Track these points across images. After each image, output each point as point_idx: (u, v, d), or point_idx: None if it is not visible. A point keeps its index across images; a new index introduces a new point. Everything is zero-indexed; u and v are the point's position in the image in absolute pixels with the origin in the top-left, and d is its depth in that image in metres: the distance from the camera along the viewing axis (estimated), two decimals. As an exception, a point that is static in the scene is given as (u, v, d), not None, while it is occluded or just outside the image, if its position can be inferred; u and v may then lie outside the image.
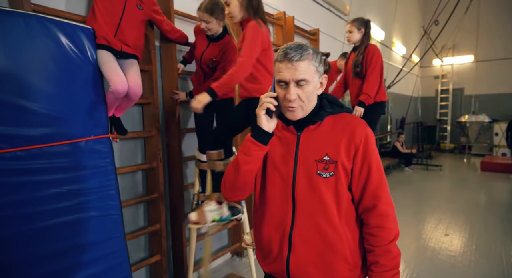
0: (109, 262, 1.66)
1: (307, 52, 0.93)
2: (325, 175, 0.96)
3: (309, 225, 0.97)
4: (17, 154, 1.35)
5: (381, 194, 0.98)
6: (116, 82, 1.60)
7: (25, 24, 1.39)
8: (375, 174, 0.98)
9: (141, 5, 1.77)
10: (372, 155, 0.98)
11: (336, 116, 1.03)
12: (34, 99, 1.41)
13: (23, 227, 1.36)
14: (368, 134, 0.98)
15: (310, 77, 0.94)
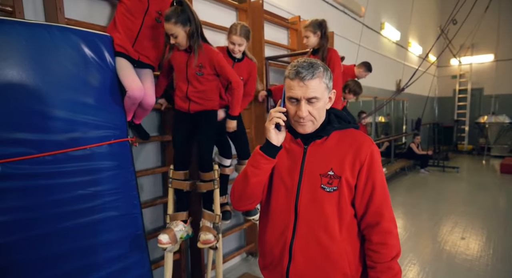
0: (130, 259, 1.76)
1: (318, 70, 0.95)
2: (328, 189, 0.98)
3: (309, 237, 1.00)
4: (45, 158, 1.46)
5: (385, 210, 1.00)
6: (132, 88, 1.68)
7: (49, 35, 1.49)
8: (379, 191, 1.00)
9: (159, 18, 1.83)
10: (376, 172, 1.00)
11: (343, 131, 1.05)
12: (59, 106, 1.51)
13: (51, 227, 1.47)
14: (374, 151, 1.01)
15: (321, 95, 0.97)
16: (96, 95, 1.66)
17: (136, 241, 1.80)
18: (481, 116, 9.03)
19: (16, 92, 1.40)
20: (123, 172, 1.75)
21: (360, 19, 5.19)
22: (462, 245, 3.18)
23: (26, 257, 1.38)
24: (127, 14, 1.73)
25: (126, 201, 1.75)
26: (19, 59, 1.41)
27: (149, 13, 1.78)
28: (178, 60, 1.91)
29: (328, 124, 1.05)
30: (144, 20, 1.77)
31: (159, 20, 1.84)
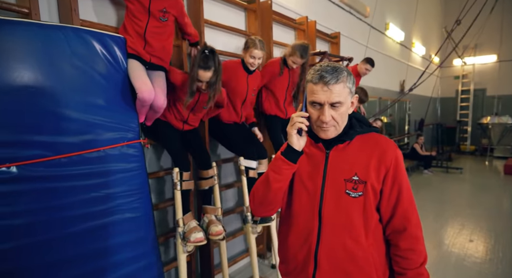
0: (142, 261, 1.75)
1: (342, 74, 0.94)
2: (354, 194, 0.97)
3: (335, 243, 0.98)
4: (61, 160, 1.45)
5: (411, 215, 0.99)
6: (143, 91, 1.67)
7: (64, 36, 1.48)
8: (405, 196, 0.99)
9: (164, 16, 1.79)
10: (402, 177, 1.00)
11: (365, 136, 1.04)
12: (74, 108, 1.50)
13: (66, 230, 1.46)
14: (398, 155, 1.00)
15: (344, 99, 0.95)
16: (110, 96, 1.64)
17: (149, 243, 1.78)
18: (484, 117, 9.02)
19: (31, 94, 1.38)
20: (136, 173, 1.73)
21: (365, 20, 5.18)
22: (471, 248, 3.17)
23: (42, 260, 1.37)
24: (133, 17, 1.72)
25: (139, 203, 1.73)
26: (35, 61, 1.39)
27: (152, 14, 1.75)
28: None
29: (350, 128, 1.04)
30: (149, 22, 1.75)
31: (164, 19, 1.81)
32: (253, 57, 2.20)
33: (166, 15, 1.80)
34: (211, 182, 2.14)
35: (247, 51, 2.22)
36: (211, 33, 2.50)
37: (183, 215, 1.95)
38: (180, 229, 1.93)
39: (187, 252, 1.93)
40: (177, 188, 1.95)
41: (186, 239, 1.89)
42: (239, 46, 2.79)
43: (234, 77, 2.25)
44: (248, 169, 2.30)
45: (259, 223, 2.21)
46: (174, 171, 1.95)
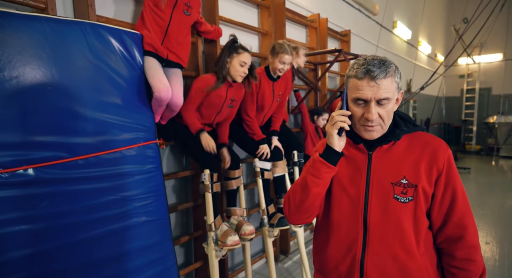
0: (159, 265, 1.68)
1: (391, 68, 0.87)
2: (403, 199, 0.90)
3: (384, 252, 0.91)
4: (78, 162, 1.38)
5: (468, 222, 0.91)
6: (160, 89, 1.60)
7: (81, 32, 1.41)
8: (461, 200, 0.90)
9: (188, 10, 1.74)
10: (456, 179, 0.91)
11: (412, 135, 0.96)
12: (90, 107, 1.43)
13: (84, 235, 1.39)
14: (450, 156, 0.92)
15: (392, 95, 0.88)
16: (126, 95, 1.57)
17: (165, 247, 1.72)
18: (490, 116, 8.95)
19: (47, 92, 1.31)
20: (152, 175, 1.66)
21: (374, 18, 5.11)
22: (488, 251, 3.10)
23: (61, 266, 1.31)
24: (155, 9, 1.64)
25: (156, 205, 1.67)
26: (51, 58, 1.32)
27: (178, 5, 1.69)
28: (218, 94, 1.92)
29: (395, 127, 0.96)
30: (173, 13, 1.68)
31: (187, 13, 1.74)
32: (283, 63, 2.13)
33: (189, 9, 1.74)
34: (239, 182, 2.12)
35: (276, 56, 2.13)
36: (224, 30, 2.42)
37: (214, 218, 1.89)
38: (213, 233, 1.86)
39: (222, 256, 1.88)
40: (209, 190, 1.87)
41: (221, 242, 1.83)
42: (252, 44, 2.73)
43: (260, 87, 2.18)
44: (263, 171, 2.24)
45: (276, 227, 2.14)
46: (205, 172, 1.88)
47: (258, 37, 2.82)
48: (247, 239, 1.96)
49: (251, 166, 2.73)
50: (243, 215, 2.10)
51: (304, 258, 2.34)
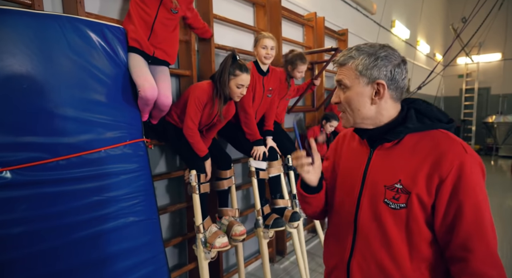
0: (149, 266, 1.65)
1: (354, 59, 0.84)
2: (393, 205, 0.81)
3: (369, 258, 0.85)
4: (59, 163, 1.34)
5: (476, 246, 0.74)
6: (145, 88, 1.55)
7: (59, 26, 1.36)
8: (470, 219, 0.75)
9: (175, 8, 1.70)
10: (467, 191, 0.75)
11: (425, 134, 0.83)
12: (71, 106, 1.39)
13: (67, 238, 1.35)
14: (464, 164, 0.75)
15: (350, 83, 0.84)
16: (110, 92, 1.53)
17: (155, 247, 1.68)
18: (489, 116, 8.93)
19: (24, 91, 1.26)
20: (139, 174, 1.62)
21: (372, 17, 5.08)
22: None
23: (43, 271, 1.26)
24: (141, 4, 1.61)
25: (144, 205, 1.63)
26: (27, 55, 1.27)
27: (164, 2, 1.65)
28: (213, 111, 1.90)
29: (401, 124, 0.85)
30: (159, 10, 1.64)
31: (175, 11, 1.70)
32: (265, 47, 2.10)
33: (177, 7, 1.70)
34: (230, 182, 2.09)
35: (257, 44, 2.13)
36: (219, 29, 2.40)
37: (202, 219, 1.85)
38: (201, 235, 1.83)
39: (211, 258, 1.84)
40: (196, 192, 1.84)
41: (210, 244, 1.79)
42: (247, 43, 2.71)
43: (251, 82, 2.14)
44: (259, 170, 2.21)
45: (271, 228, 2.11)
46: (192, 173, 1.84)
47: (254, 35, 2.79)
48: (239, 240, 1.93)
49: (246, 166, 2.70)
50: (235, 215, 2.06)
51: (299, 259, 2.31)
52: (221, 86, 1.81)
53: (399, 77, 0.84)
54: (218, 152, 2.07)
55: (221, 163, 2.06)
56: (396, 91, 0.85)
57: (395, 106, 0.87)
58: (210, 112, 1.89)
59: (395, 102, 0.87)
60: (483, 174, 0.79)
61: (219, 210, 2.09)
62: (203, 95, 1.81)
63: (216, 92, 1.83)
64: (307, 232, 3.51)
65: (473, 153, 0.78)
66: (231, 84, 1.82)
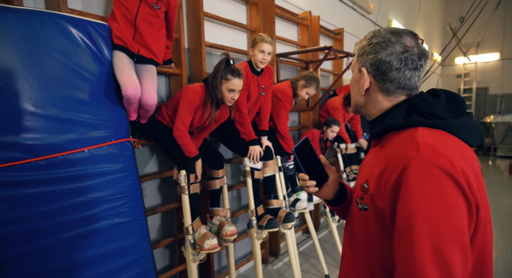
0: (136, 268, 1.61)
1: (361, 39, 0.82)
2: (360, 205, 0.75)
3: (346, 250, 0.86)
4: (38, 163, 1.29)
5: (398, 259, 0.62)
6: (127, 87, 1.51)
7: (38, 22, 1.32)
8: (399, 227, 0.63)
9: (157, 4, 1.63)
10: (404, 198, 0.62)
11: (408, 131, 0.71)
12: (53, 104, 1.35)
13: (50, 239, 1.32)
14: (409, 166, 0.63)
15: (352, 67, 0.85)
16: (93, 91, 1.49)
17: (143, 249, 1.65)
18: (487, 116, 8.92)
19: (1, 89, 1.23)
20: (125, 175, 1.59)
21: (369, 16, 5.05)
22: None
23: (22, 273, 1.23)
24: (122, 1, 1.56)
25: (131, 206, 1.59)
26: (4, 51, 1.23)
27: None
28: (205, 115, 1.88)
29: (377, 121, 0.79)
30: (140, 6, 1.58)
31: (157, 6, 1.63)
32: (262, 52, 2.08)
33: (159, 3, 1.64)
34: (222, 181, 2.06)
35: (255, 46, 2.09)
36: (210, 27, 2.37)
37: (191, 221, 1.82)
38: (190, 237, 1.79)
39: (200, 260, 1.80)
40: (185, 192, 1.80)
41: (199, 246, 1.76)
42: (240, 41, 2.68)
43: (245, 82, 2.11)
44: (254, 170, 2.17)
45: (265, 229, 2.08)
46: (181, 173, 1.80)
47: (246, 34, 2.76)
48: (229, 240, 1.90)
49: (238, 166, 2.67)
50: (226, 215, 2.03)
51: (293, 260, 2.28)
52: (214, 90, 1.79)
53: (387, 69, 0.74)
54: (211, 151, 2.05)
55: (213, 162, 2.03)
56: (386, 84, 0.76)
57: (389, 99, 0.77)
58: (202, 116, 1.87)
59: (388, 95, 0.77)
60: (435, 179, 0.62)
61: (210, 210, 2.06)
62: (195, 98, 1.78)
63: (209, 96, 1.81)
64: (302, 232, 3.48)
65: (427, 156, 0.63)
66: (222, 88, 1.80)
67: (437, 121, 0.70)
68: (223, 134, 2.24)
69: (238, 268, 2.62)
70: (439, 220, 0.60)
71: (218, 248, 1.77)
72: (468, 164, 0.66)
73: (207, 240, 1.72)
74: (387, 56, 0.74)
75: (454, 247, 0.59)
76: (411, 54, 0.73)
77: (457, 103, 0.73)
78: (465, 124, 0.71)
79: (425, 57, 0.75)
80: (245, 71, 2.08)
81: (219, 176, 2.03)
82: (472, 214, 0.63)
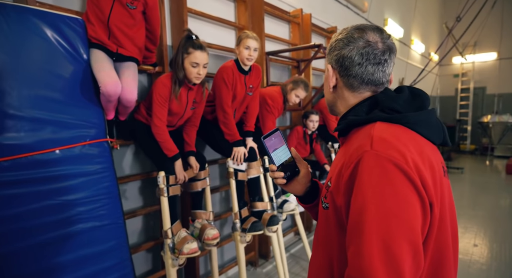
0: (114, 273, 1.55)
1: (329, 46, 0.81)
2: (324, 204, 0.74)
3: (312, 253, 0.83)
4: (2, 164, 1.23)
5: (352, 252, 0.60)
6: (106, 83, 1.45)
7: (2, 16, 1.25)
8: (351, 220, 0.62)
9: (132, 3, 1.56)
10: (357, 191, 0.61)
11: (365, 127, 0.71)
12: (20, 103, 1.29)
13: (17, 244, 1.26)
14: (363, 159, 0.62)
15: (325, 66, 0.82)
16: (66, 89, 1.43)
17: (120, 253, 1.59)
18: (484, 115, 8.87)
19: None
20: (102, 176, 1.53)
21: (363, 15, 5.00)
22: (476, 253, 2.99)
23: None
24: (94, 0, 1.50)
25: (107, 209, 1.54)
26: None
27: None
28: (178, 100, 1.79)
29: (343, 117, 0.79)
30: (113, 6, 1.52)
31: (132, 6, 1.56)
32: (248, 48, 2.00)
33: (135, 2, 1.56)
34: (205, 183, 2.00)
35: (240, 44, 2.02)
36: (195, 24, 2.30)
37: (171, 224, 1.75)
38: (169, 241, 1.73)
39: (179, 265, 1.74)
40: (164, 194, 1.74)
41: (178, 251, 1.69)
42: (227, 40, 2.62)
43: (232, 81, 2.04)
44: (237, 171, 2.11)
45: (248, 231, 2.02)
46: (160, 175, 1.75)
47: (235, 32, 2.70)
48: (212, 244, 1.84)
49: (224, 167, 2.61)
50: (209, 218, 1.97)
51: (279, 263, 2.22)
52: (177, 68, 1.71)
53: (349, 64, 0.74)
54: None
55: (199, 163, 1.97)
56: (350, 80, 0.76)
57: (355, 96, 0.77)
58: (180, 102, 1.79)
59: (353, 91, 0.77)
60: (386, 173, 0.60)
61: (192, 213, 2.00)
62: (163, 90, 1.71)
63: (175, 81, 1.73)
64: (293, 234, 3.42)
65: (379, 148, 0.62)
66: (185, 64, 1.71)
67: (395, 116, 0.69)
68: (207, 135, 2.18)
69: (227, 271, 2.56)
70: (390, 215, 0.57)
71: (198, 252, 1.70)
72: (425, 159, 0.64)
73: (187, 244, 1.66)
74: (349, 51, 0.74)
75: (404, 244, 0.57)
76: (374, 49, 0.73)
77: (419, 99, 0.73)
78: (425, 119, 0.70)
79: (389, 52, 0.74)
80: (232, 70, 2.02)
81: (201, 177, 1.97)
82: (426, 212, 0.61)
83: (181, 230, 1.76)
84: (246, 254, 2.76)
